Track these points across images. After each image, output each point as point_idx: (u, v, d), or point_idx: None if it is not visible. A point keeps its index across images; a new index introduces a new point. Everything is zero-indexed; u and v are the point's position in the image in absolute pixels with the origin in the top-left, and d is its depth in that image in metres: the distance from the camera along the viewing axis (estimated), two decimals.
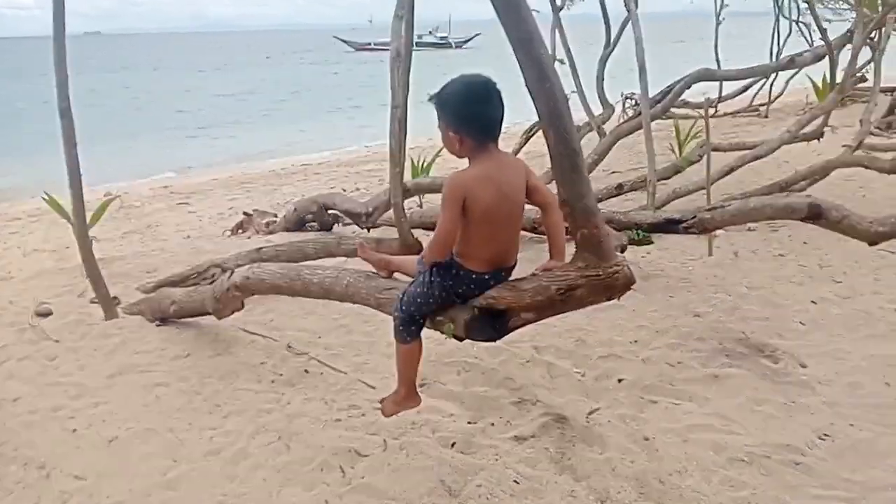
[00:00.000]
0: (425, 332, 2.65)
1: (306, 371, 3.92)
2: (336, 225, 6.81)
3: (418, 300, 2.48)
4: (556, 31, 7.63)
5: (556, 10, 7.74)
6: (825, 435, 3.11)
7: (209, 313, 4.12)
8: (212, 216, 8.97)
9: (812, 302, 4.53)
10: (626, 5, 5.66)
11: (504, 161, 2.34)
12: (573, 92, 7.06)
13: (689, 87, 7.46)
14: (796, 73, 11.85)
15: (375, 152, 14.33)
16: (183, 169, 14.08)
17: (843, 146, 9.26)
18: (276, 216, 7.54)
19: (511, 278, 2.46)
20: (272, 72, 43.99)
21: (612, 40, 8.04)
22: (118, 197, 8.54)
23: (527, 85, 2.10)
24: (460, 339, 2.56)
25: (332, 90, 31.17)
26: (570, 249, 2.40)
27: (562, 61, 4.89)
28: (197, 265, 5.25)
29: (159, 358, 4.09)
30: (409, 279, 2.86)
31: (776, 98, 14.42)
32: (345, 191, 9.71)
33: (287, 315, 4.71)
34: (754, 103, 14.70)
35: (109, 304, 4.59)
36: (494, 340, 2.51)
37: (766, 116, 14.11)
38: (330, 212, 6.49)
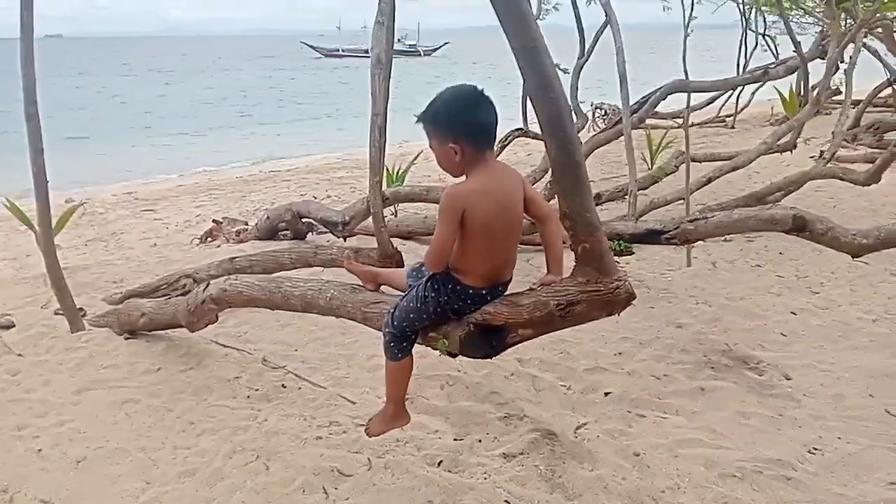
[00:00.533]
0: None
1: (283, 386, 3.79)
2: (310, 234, 6.67)
3: (411, 316, 2.39)
4: None
5: (534, 18, 7.70)
6: (815, 449, 3.09)
7: (181, 326, 3.97)
8: (178, 224, 8.74)
9: (792, 313, 4.53)
10: (607, 15, 5.64)
11: (502, 171, 2.27)
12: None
13: (664, 98, 7.49)
14: (761, 85, 12.05)
15: (346, 159, 14.21)
16: (148, 174, 13.77)
17: (811, 157, 9.44)
18: (246, 224, 7.37)
19: (507, 293, 2.39)
20: (240, 78, 43.44)
21: (586, 50, 8.04)
22: (83, 204, 8.28)
23: (528, 93, 2.03)
24: (453, 356, 2.47)
25: (301, 97, 30.89)
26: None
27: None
28: (166, 275, 5.09)
29: (129, 373, 3.92)
30: (397, 292, 2.78)
31: (742, 109, 14.67)
32: (316, 198, 9.55)
33: (261, 327, 4.57)
34: (721, 114, 14.95)
35: (75, 316, 4.41)
36: (490, 357, 2.43)
37: (733, 127, 14.35)
38: (304, 220, 6.36)
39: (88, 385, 3.78)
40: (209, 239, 7.23)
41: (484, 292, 2.31)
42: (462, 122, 2.17)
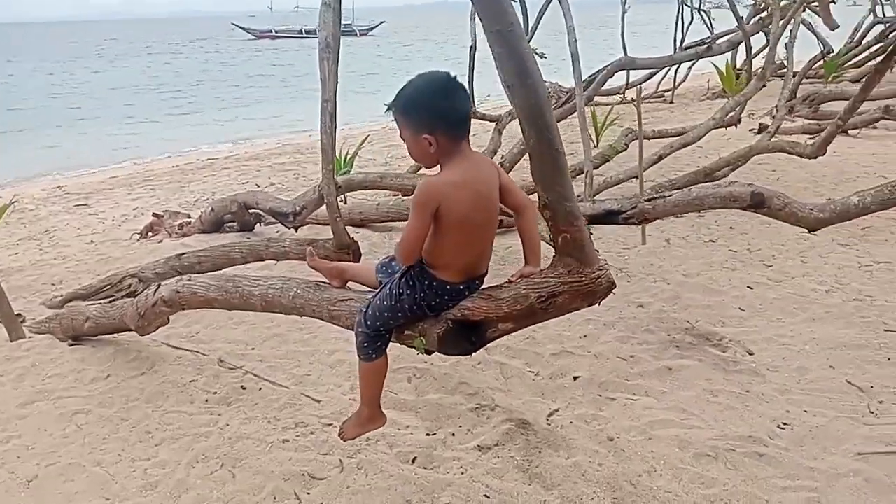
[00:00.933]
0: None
1: (243, 387, 3.65)
2: (258, 225, 6.47)
3: (385, 314, 2.28)
4: (478, 17, 7.48)
5: None
6: (783, 424, 3.13)
7: (129, 329, 3.78)
8: (115, 218, 8.36)
9: (748, 287, 4.60)
10: None
11: (478, 161, 2.17)
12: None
13: (611, 76, 7.50)
14: (697, 59, 12.22)
15: (287, 144, 13.87)
16: (78, 167, 13.17)
17: (751, 130, 9.64)
18: (189, 217, 7.09)
19: (483, 286, 2.31)
20: (172, 62, 41.86)
21: (530, 28, 7.97)
22: (13, 202, 7.83)
23: (504, 81, 1.94)
24: (430, 353, 2.39)
25: (235, 80, 29.99)
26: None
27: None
28: (109, 275, 4.85)
29: (76, 382, 3.71)
30: (365, 289, 2.67)
31: (680, 84, 14.89)
32: (259, 186, 9.30)
33: (214, 326, 4.40)
34: (659, 89, 15.14)
35: (14, 323, 4.15)
36: (470, 353, 2.35)
37: (672, 102, 14.54)
38: (251, 211, 6.14)
39: (34, 397, 3.57)
40: (150, 234, 6.93)
41: (462, 287, 2.23)
42: (437, 112, 2.07)
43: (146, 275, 4.56)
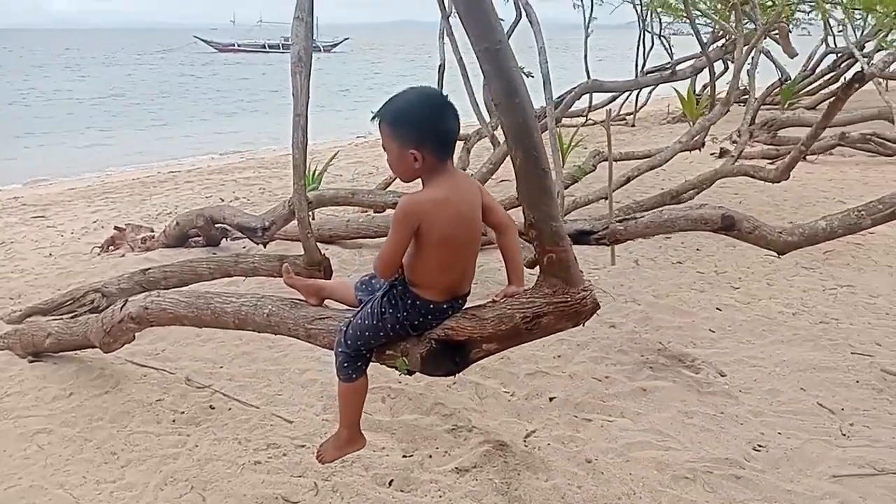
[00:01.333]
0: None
1: (211, 407, 3.56)
2: (224, 240, 6.35)
3: (367, 334, 2.24)
4: (446, 36, 7.51)
5: (446, 15, 7.63)
6: (759, 446, 3.15)
7: (93, 346, 3.66)
8: (75, 231, 8.13)
9: (717, 309, 4.66)
10: (518, 14, 5.64)
11: (461, 179, 2.16)
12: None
13: (578, 98, 7.59)
14: (661, 83, 12.46)
15: (251, 159, 13.72)
16: (34, 179, 12.81)
17: (712, 154, 9.84)
18: (152, 230, 6.93)
19: (467, 305, 2.28)
20: (133, 74, 41.14)
21: None
22: None
23: (493, 99, 1.93)
24: (411, 374, 2.35)
25: (200, 93, 29.64)
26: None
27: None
28: (72, 290, 4.69)
29: (37, 400, 3.58)
30: (342, 306, 2.63)
31: (641, 107, 15.15)
32: (223, 200, 9.16)
33: (181, 343, 4.30)
34: (621, 112, 15.37)
35: None
36: (454, 374, 2.33)
37: (633, 125, 14.77)
38: (218, 226, 6.03)
39: None
40: (111, 247, 6.75)
41: (445, 306, 2.20)
42: (428, 129, 2.05)
43: (110, 290, 4.43)
